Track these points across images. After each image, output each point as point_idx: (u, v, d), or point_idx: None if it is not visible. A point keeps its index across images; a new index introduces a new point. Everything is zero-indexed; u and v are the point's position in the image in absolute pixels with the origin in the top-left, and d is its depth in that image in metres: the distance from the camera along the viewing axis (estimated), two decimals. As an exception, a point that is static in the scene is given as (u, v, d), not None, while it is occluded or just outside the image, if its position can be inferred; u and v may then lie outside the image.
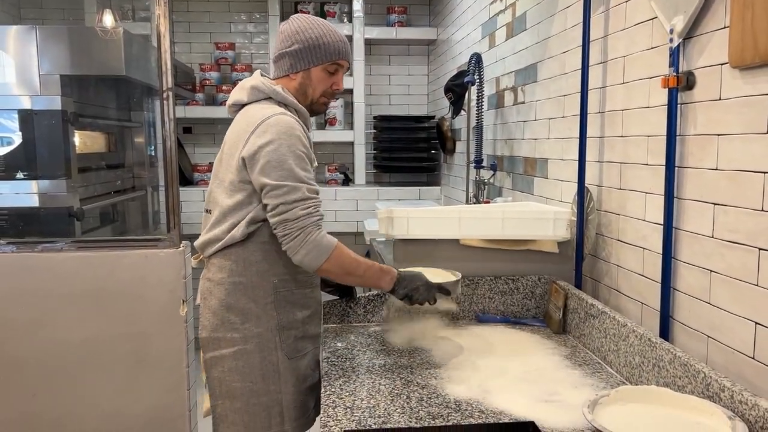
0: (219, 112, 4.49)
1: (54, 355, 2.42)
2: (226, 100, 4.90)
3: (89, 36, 3.09)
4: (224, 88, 4.58)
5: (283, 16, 4.48)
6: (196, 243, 1.76)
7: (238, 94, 1.72)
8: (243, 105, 1.70)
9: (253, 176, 1.58)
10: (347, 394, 1.49)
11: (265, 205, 1.58)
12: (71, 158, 3.05)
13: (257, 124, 1.58)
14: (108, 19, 3.67)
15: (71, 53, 3.00)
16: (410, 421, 1.34)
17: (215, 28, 4.85)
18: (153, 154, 4.19)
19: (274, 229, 1.57)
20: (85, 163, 3.28)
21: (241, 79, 4.76)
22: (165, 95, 2.30)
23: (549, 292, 2.05)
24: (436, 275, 1.82)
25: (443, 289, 1.71)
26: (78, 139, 3.19)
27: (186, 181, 4.55)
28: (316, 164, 1.72)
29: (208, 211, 1.73)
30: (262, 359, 1.65)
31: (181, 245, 2.44)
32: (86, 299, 2.41)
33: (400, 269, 1.70)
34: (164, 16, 2.25)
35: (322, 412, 1.40)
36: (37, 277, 2.39)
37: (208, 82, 4.62)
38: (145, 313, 2.42)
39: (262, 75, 1.74)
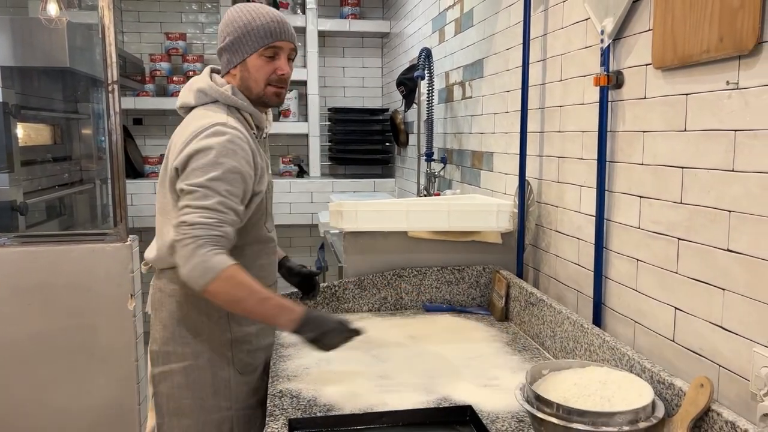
0: (170, 104, 4.43)
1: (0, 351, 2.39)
2: (177, 91, 4.75)
3: (32, 26, 3.01)
4: (175, 79, 4.52)
5: (235, 7, 4.43)
6: (147, 256, 1.65)
7: (185, 95, 1.62)
8: (192, 108, 1.61)
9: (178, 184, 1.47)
10: (293, 383, 1.53)
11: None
12: (13, 151, 2.97)
13: (195, 134, 1.47)
14: (52, 8, 3.57)
15: (13, 44, 2.92)
16: (354, 408, 1.38)
17: (166, 17, 4.77)
18: (101, 146, 4.11)
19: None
20: (29, 156, 3.21)
21: (192, 71, 4.67)
22: (111, 88, 2.27)
23: (492, 281, 2.12)
24: (619, 387, 1.21)
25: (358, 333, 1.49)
26: (21, 131, 3.11)
27: (136, 173, 4.49)
28: (267, 177, 1.60)
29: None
30: (213, 375, 1.59)
31: (129, 239, 2.42)
32: (32, 294, 2.37)
33: (313, 310, 1.50)
34: (108, 8, 2.22)
35: (268, 402, 1.43)
36: (-21, 273, 2.34)
37: (158, 72, 4.54)
38: (92, 308, 2.40)
39: (212, 72, 1.64)
